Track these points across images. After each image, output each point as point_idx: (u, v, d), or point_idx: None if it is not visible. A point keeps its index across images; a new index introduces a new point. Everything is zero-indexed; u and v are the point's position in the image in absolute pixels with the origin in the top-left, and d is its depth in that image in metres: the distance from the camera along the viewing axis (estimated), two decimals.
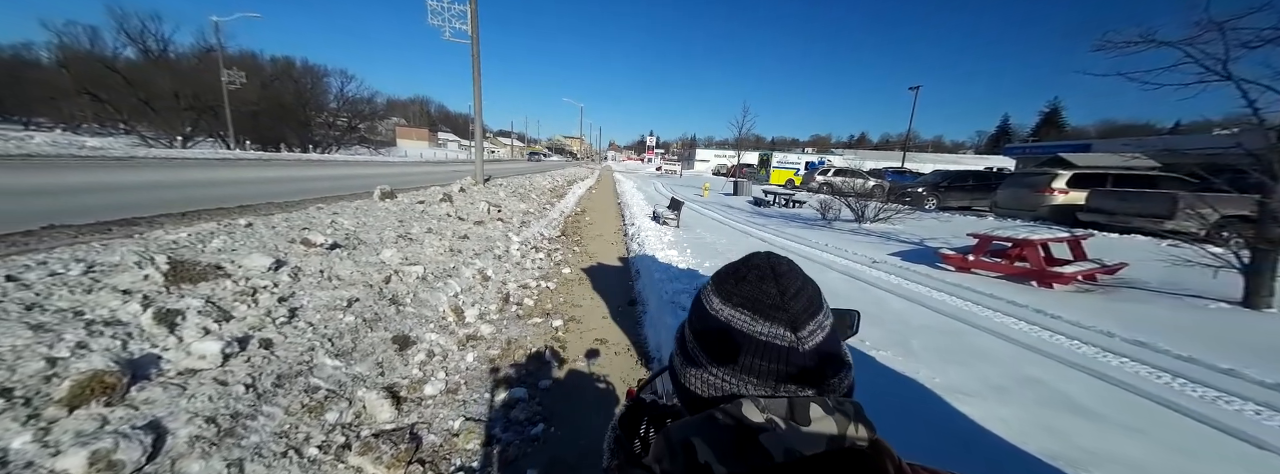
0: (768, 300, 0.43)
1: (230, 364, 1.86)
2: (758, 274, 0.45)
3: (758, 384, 0.43)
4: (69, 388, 1.46)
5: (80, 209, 4.59)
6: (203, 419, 1.55)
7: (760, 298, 0.43)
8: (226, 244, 2.95)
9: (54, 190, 6.06)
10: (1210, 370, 2.97)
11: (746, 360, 0.43)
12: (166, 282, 2.26)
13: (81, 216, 4.19)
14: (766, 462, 0.37)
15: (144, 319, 1.91)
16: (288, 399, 1.84)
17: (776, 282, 0.44)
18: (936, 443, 2.14)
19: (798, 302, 0.43)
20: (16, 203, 4.76)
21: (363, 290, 2.84)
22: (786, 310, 0.43)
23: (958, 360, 3.08)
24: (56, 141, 16.97)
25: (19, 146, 14.52)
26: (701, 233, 7.99)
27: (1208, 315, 3.98)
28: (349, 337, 2.38)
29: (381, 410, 1.97)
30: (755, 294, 0.44)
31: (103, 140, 21.11)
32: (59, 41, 31.15)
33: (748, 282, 0.45)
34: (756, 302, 0.43)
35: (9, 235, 3.36)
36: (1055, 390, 2.72)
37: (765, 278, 0.45)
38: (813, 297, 0.45)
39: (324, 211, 4.49)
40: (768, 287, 0.44)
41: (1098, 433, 2.26)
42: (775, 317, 0.42)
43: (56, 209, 4.50)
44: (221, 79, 21.58)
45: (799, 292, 0.44)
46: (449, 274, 3.68)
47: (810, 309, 0.44)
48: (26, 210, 4.32)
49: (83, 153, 15.52)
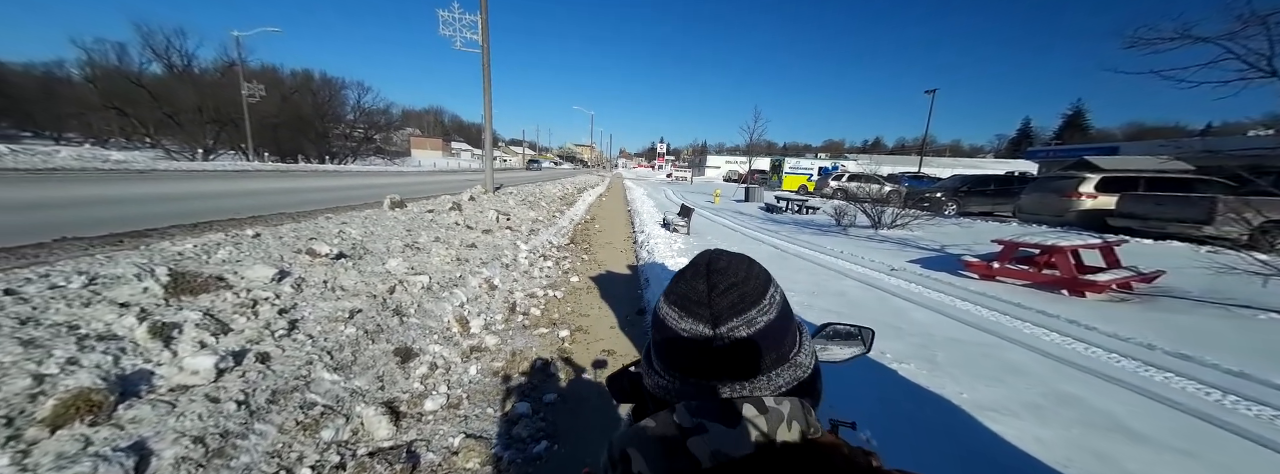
0: (695, 297, 0.44)
1: (223, 379, 1.81)
2: (693, 272, 0.46)
3: (682, 380, 0.44)
4: (52, 407, 1.42)
5: (94, 221, 4.67)
6: (190, 439, 1.49)
7: (688, 294, 0.44)
8: (232, 255, 2.94)
9: (71, 203, 6.20)
10: (1265, 387, 2.77)
11: (672, 356, 0.44)
12: (166, 294, 2.23)
13: (95, 228, 4.26)
14: (694, 467, 0.38)
15: (139, 333, 1.87)
16: (282, 416, 1.78)
17: (707, 278, 0.45)
18: (967, 468, 2.00)
19: (725, 298, 0.43)
20: (31, 216, 4.86)
21: (366, 301, 2.80)
22: (710, 306, 0.43)
23: (988, 375, 2.91)
24: (82, 155, 17.55)
25: (45, 161, 15.03)
26: (712, 240, 7.87)
27: (1259, 326, 3.74)
28: (349, 349, 2.32)
29: (379, 428, 1.90)
30: (686, 291, 0.45)
31: (128, 154, 21.79)
32: (88, 58, 32.44)
33: (683, 279, 0.46)
34: (685, 298, 0.44)
35: (19, 248, 3.41)
36: (1096, 409, 2.55)
37: (698, 275, 0.45)
38: (747, 293, 0.44)
39: (332, 221, 4.49)
40: (698, 283, 0.44)
41: (1145, 456, 2.09)
42: (697, 313, 0.43)
43: (72, 221, 4.57)
44: (242, 92, 22.17)
45: (729, 288, 0.44)
46: (455, 284, 3.63)
47: (739, 305, 0.43)
48: (40, 223, 4.41)
49: (107, 166, 16.01)
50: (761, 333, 0.44)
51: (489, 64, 8.80)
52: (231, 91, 29.72)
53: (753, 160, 32.94)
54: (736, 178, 37.89)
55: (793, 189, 25.92)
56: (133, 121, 30.17)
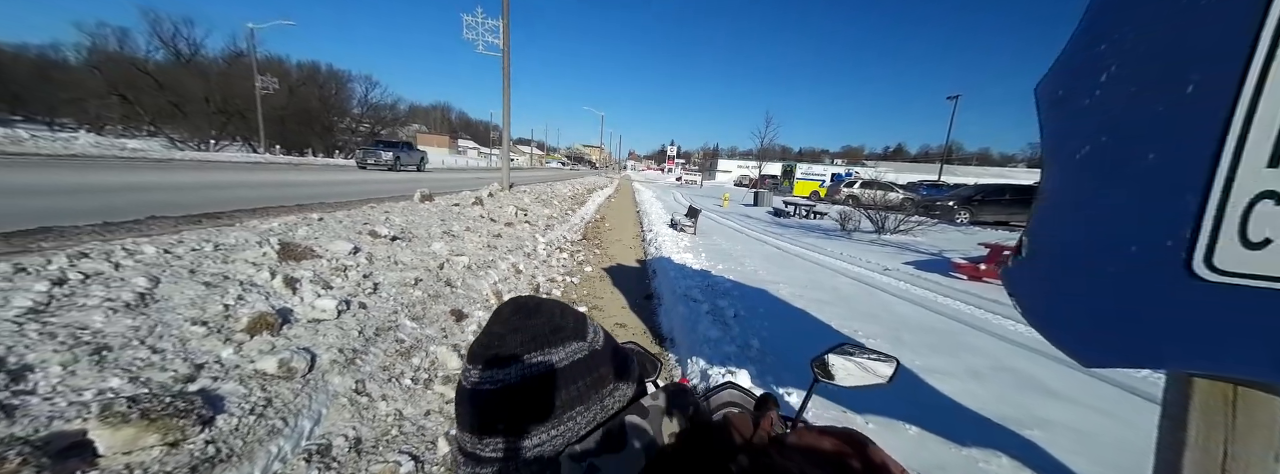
0: (507, 336, 0.42)
1: (342, 318, 2.56)
2: (496, 322, 0.44)
3: (545, 432, 0.40)
4: (247, 321, 2.16)
5: (164, 204, 5.52)
6: (336, 350, 2.24)
7: (500, 340, 0.42)
8: (310, 233, 3.70)
9: (124, 188, 7.07)
10: None
11: (507, 411, 0.40)
12: (279, 258, 2.99)
13: (171, 210, 5.11)
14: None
15: (275, 283, 2.62)
16: (384, 346, 2.52)
17: (515, 317, 0.43)
18: (911, 409, 2.64)
19: (567, 320, 0.44)
20: (116, 199, 5.77)
21: (423, 273, 3.55)
22: (521, 331, 0.42)
23: (944, 351, 3.60)
24: (100, 143, 18.64)
25: (65, 147, 16.09)
26: (717, 240, 8.57)
27: None
28: (419, 306, 3.07)
29: (450, 360, 2.63)
30: (492, 341, 0.42)
31: (141, 143, 22.92)
32: (92, 43, 32.89)
33: (488, 335, 0.43)
34: (496, 342, 0.42)
35: (125, 223, 4.23)
36: (1028, 374, 3.24)
37: (500, 321, 0.44)
38: (576, 314, 0.46)
39: (377, 210, 5.28)
40: (501, 327, 0.43)
41: (1059, 407, 2.75)
42: (551, 342, 0.42)
43: (150, 204, 5.44)
44: (256, 85, 23.31)
45: (533, 311, 0.44)
46: (488, 265, 4.38)
47: (578, 321, 0.45)
48: (128, 204, 5.29)
49: (125, 154, 17.05)
50: (608, 341, 0.47)
51: (509, 69, 9.65)
52: (239, 82, 30.85)
53: (764, 165, 33.60)
54: (747, 183, 38.64)
55: (805, 195, 26.57)
56: (136, 109, 30.55)
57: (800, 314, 4.33)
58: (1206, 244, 0.89)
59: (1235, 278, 0.86)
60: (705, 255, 6.59)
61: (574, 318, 0.46)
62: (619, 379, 0.46)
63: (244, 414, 1.70)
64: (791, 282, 5.61)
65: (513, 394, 0.41)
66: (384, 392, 2.20)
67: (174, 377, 1.75)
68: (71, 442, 1.35)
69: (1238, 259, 0.86)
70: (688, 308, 4.01)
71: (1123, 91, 0.94)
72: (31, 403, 1.45)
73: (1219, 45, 0.83)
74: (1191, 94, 0.88)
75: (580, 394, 0.42)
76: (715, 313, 3.91)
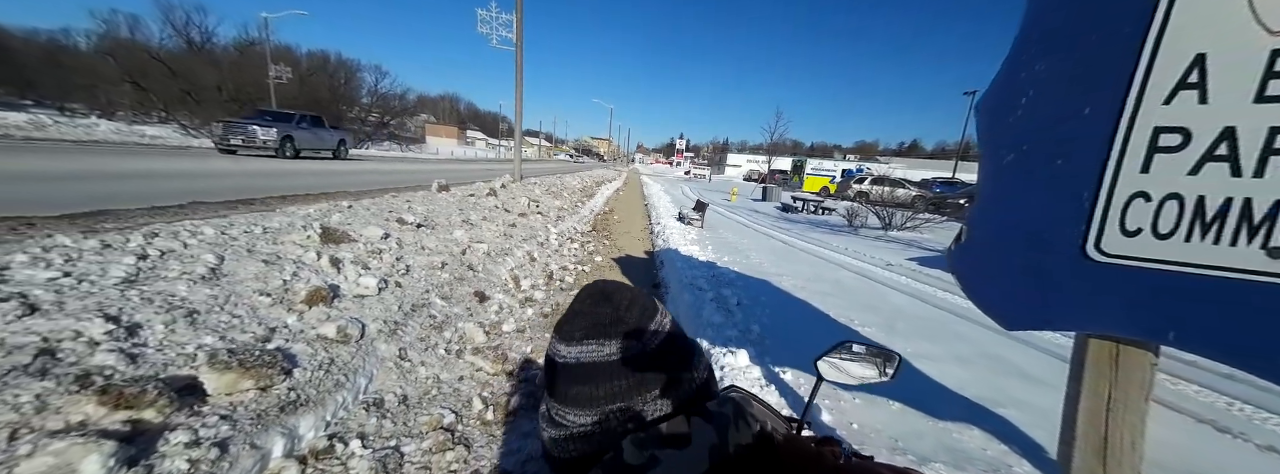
0: (605, 320, 0.46)
1: (383, 294, 2.88)
2: (591, 301, 0.48)
3: (608, 413, 0.44)
4: (305, 294, 2.49)
5: (201, 191, 5.92)
6: (381, 321, 2.56)
7: (598, 321, 0.46)
8: (343, 219, 4.02)
9: (152, 175, 7.47)
10: None
11: (592, 390, 0.45)
12: (322, 240, 3.31)
13: (209, 196, 5.49)
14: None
15: (322, 262, 2.95)
16: (419, 320, 2.84)
17: (610, 301, 0.48)
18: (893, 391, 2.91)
19: (632, 313, 0.47)
20: (158, 184, 6.23)
21: (448, 258, 3.86)
22: (624, 323, 0.46)
23: (934, 339, 3.87)
24: (120, 130, 19.17)
25: (87, 133, 16.59)
26: (724, 233, 8.84)
27: None
28: (446, 287, 3.39)
29: (477, 335, 2.95)
30: (593, 320, 0.47)
31: (157, 129, 23.49)
32: (105, 29, 33.32)
33: (581, 313, 0.48)
34: (594, 327, 0.46)
35: (169, 207, 4.61)
36: (1010, 361, 3.51)
37: (599, 302, 0.48)
38: (646, 306, 0.49)
39: (398, 199, 5.62)
40: (602, 309, 0.47)
41: (1033, 390, 3.02)
42: (611, 333, 0.46)
43: (190, 190, 5.86)
44: (269, 74, 23.75)
45: (631, 304, 0.48)
46: (505, 253, 4.70)
47: (645, 317, 0.48)
48: (170, 190, 5.71)
49: (145, 141, 17.55)
50: (675, 331, 0.49)
51: (521, 62, 9.93)
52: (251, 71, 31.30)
53: (773, 160, 33.65)
54: (756, 177, 38.75)
55: (814, 191, 26.67)
56: (149, 96, 30.87)
57: (801, 304, 4.61)
58: (1096, 233, 1.18)
59: (1117, 259, 1.16)
60: (712, 248, 6.87)
61: (641, 310, 0.48)
62: (680, 371, 0.47)
63: (314, 369, 2.02)
64: (795, 274, 5.88)
65: (578, 371, 0.45)
66: (422, 359, 2.52)
67: (254, 337, 2.07)
68: (185, 383, 1.67)
69: (1119, 245, 1.16)
70: (693, 296, 4.30)
71: (1038, 112, 1.23)
72: (148, 353, 1.77)
73: (1108, 79, 1.12)
74: (1088, 115, 1.17)
75: (637, 384, 0.45)
76: (719, 301, 4.19)
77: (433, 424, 2.05)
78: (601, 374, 0.45)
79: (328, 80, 41.06)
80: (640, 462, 0.39)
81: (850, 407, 2.55)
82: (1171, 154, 1.05)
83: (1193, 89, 1.02)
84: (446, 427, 2.07)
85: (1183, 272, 1.05)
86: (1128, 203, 1.14)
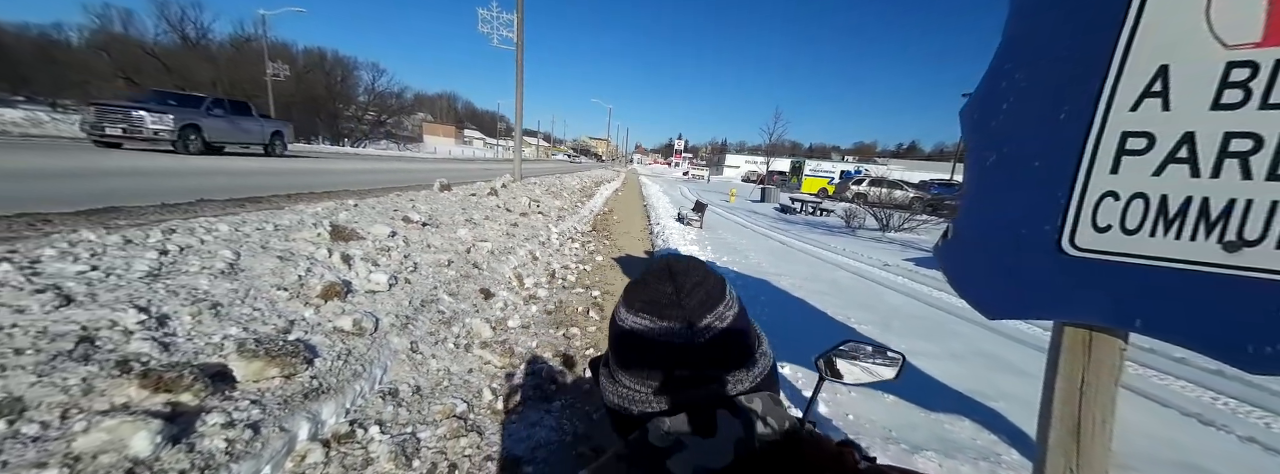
0: (664, 300, 0.47)
1: (393, 290, 2.98)
2: (656, 277, 0.49)
3: (657, 388, 0.46)
4: (320, 288, 2.58)
5: (207, 189, 6.01)
6: (393, 315, 2.66)
7: (657, 299, 0.47)
8: (350, 217, 4.11)
9: (159, 173, 7.53)
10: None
11: (646, 363, 0.47)
12: (332, 237, 3.40)
13: (216, 194, 5.59)
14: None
15: (334, 259, 3.04)
16: (428, 315, 2.94)
17: (673, 280, 0.48)
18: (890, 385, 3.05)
19: (693, 297, 0.47)
20: (172, 182, 6.29)
21: (453, 255, 3.96)
22: (681, 306, 0.46)
23: (929, 337, 3.99)
24: None
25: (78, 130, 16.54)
26: (723, 234, 8.96)
27: None
28: (453, 284, 3.49)
29: (485, 330, 3.04)
30: (653, 296, 0.47)
31: None
32: (98, 24, 33.05)
33: (645, 285, 0.49)
34: (654, 303, 0.47)
35: (180, 204, 4.70)
36: (1002, 358, 3.63)
37: (662, 279, 0.48)
38: (711, 290, 0.49)
39: (402, 198, 5.71)
40: (664, 287, 0.48)
41: (1023, 384, 3.14)
42: (670, 314, 0.46)
43: (194, 188, 5.96)
44: (267, 71, 23.76)
45: (695, 287, 0.48)
46: (508, 251, 4.79)
47: (708, 302, 0.47)
48: (181, 188, 5.82)
49: None
50: (732, 327, 0.48)
51: (522, 62, 10.03)
52: (247, 68, 31.25)
53: (772, 161, 33.80)
54: (755, 178, 38.95)
55: (812, 192, 26.84)
56: (143, 91, 30.80)
57: (798, 302, 4.72)
58: (1070, 229, 1.30)
59: (1089, 253, 1.28)
60: (711, 248, 6.99)
61: (703, 298, 0.48)
62: (724, 368, 0.47)
63: (333, 359, 2.11)
64: (793, 274, 5.99)
65: (629, 338, 0.48)
66: (433, 352, 2.62)
67: (275, 328, 2.16)
68: (216, 370, 1.76)
69: (1091, 240, 1.27)
70: None
71: (1017, 118, 1.35)
72: (179, 341, 1.86)
73: (1082, 88, 1.24)
74: (1063, 121, 1.28)
75: (680, 367, 0.46)
76: None
77: (446, 413, 2.15)
78: (648, 348, 0.47)
79: (324, 78, 41.08)
80: (665, 445, 0.41)
81: (846, 400, 2.66)
82: (1138, 156, 1.16)
83: (1157, 97, 1.13)
84: (459, 415, 2.17)
85: (1148, 264, 1.16)
86: (1099, 201, 1.25)
